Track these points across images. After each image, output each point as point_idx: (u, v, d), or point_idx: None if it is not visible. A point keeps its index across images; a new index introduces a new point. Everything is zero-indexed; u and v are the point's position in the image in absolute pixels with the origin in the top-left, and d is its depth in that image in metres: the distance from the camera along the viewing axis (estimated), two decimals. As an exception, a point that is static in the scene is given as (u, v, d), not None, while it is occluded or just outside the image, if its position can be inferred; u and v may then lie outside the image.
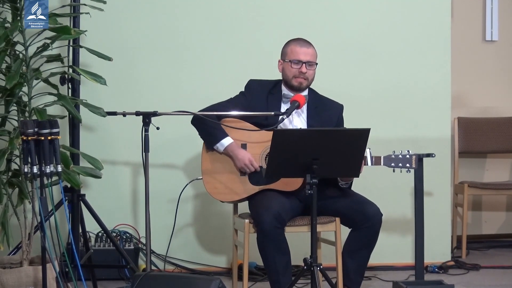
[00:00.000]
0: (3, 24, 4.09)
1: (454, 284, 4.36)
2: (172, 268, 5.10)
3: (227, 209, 4.85)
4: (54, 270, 3.80)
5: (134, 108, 4.34)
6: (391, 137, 5.23)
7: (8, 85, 3.92)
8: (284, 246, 4.11)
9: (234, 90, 4.47)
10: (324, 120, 4.37)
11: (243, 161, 4.23)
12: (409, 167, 4.25)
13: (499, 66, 6.31)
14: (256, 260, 4.80)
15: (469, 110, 6.12)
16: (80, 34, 4.35)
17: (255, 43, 5.22)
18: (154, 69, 5.16)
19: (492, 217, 6.26)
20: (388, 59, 5.34)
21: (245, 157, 4.24)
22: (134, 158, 4.96)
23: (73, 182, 4.21)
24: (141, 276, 3.78)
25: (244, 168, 4.24)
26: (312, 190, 3.78)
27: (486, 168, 6.23)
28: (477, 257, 5.65)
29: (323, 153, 3.78)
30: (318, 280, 3.81)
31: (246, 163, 4.22)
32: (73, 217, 4.52)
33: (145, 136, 4.19)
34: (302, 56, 4.32)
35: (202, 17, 5.19)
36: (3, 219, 4.03)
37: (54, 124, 3.72)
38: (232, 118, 4.31)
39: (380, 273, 5.10)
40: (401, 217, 5.30)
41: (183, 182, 4.86)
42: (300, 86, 4.35)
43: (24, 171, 3.69)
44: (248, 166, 4.23)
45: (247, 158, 4.23)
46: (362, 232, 4.20)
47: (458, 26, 5.90)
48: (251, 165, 4.23)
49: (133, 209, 5.13)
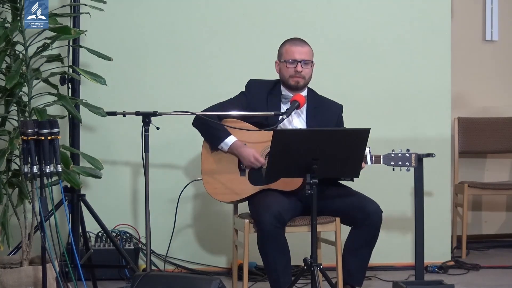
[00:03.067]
0: (3, 24, 4.09)
1: (454, 284, 4.36)
2: (172, 268, 5.10)
3: (227, 209, 4.84)
4: (54, 270, 3.79)
5: (134, 108, 4.34)
6: (391, 137, 5.23)
7: (8, 85, 3.92)
8: (284, 246, 4.11)
9: (234, 90, 4.47)
10: (324, 120, 4.37)
11: (248, 160, 4.23)
12: (409, 166, 4.25)
13: (499, 66, 6.30)
14: (256, 260, 4.79)
15: (469, 110, 6.11)
16: (80, 34, 4.35)
17: (255, 43, 5.21)
18: (154, 69, 5.16)
19: (492, 217, 6.25)
20: (388, 59, 5.34)
21: (249, 154, 4.23)
22: (134, 158, 4.96)
23: (73, 182, 4.21)
24: (141, 276, 3.77)
25: (251, 166, 4.24)
26: (312, 190, 3.78)
27: (486, 168, 6.23)
28: (477, 257, 5.64)
29: (323, 153, 3.78)
30: (318, 280, 3.81)
31: (251, 161, 4.22)
32: (73, 217, 4.52)
33: (145, 136, 4.19)
34: (297, 55, 4.31)
35: (202, 17, 5.19)
36: (3, 219, 4.03)
37: (54, 124, 3.71)
38: (232, 118, 4.31)
39: (380, 273, 5.10)
40: (401, 217, 5.30)
41: (183, 182, 4.86)
42: (297, 85, 4.34)
43: (24, 171, 3.69)
44: (254, 163, 4.23)
45: (251, 155, 4.23)
46: (363, 229, 4.20)
47: (458, 26, 5.89)
48: (256, 161, 4.23)
49: (133, 209, 5.13)
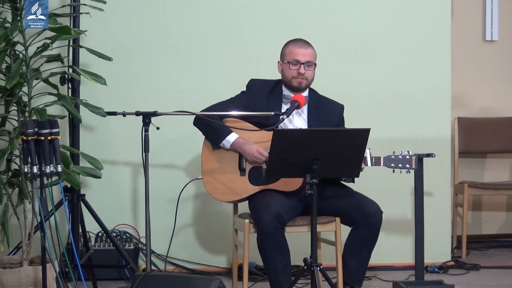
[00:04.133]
0: (3, 24, 4.10)
1: (454, 284, 4.36)
2: (172, 268, 5.10)
3: (227, 209, 4.84)
4: (54, 270, 3.79)
5: (134, 108, 4.33)
6: (391, 137, 5.23)
7: (8, 85, 3.92)
8: (284, 246, 4.10)
9: (234, 90, 4.47)
10: (325, 120, 4.36)
11: (252, 154, 4.22)
12: (409, 168, 4.24)
13: (499, 66, 6.30)
14: (256, 260, 4.79)
15: (469, 110, 6.11)
16: (80, 34, 4.35)
17: (255, 43, 5.21)
18: (154, 69, 5.16)
19: (492, 217, 6.25)
20: (388, 59, 5.34)
21: (252, 149, 4.22)
22: (134, 158, 4.96)
23: (73, 182, 4.21)
24: (141, 276, 3.78)
25: (255, 161, 4.23)
26: (312, 190, 3.78)
27: (486, 168, 6.23)
28: (477, 257, 5.64)
29: (323, 153, 3.78)
30: (318, 280, 3.81)
31: (255, 155, 4.21)
32: (73, 217, 4.52)
33: (145, 136, 4.19)
34: (300, 57, 4.31)
35: (202, 17, 5.19)
36: (3, 219, 4.03)
37: (54, 124, 3.72)
38: (233, 118, 4.31)
39: (380, 273, 5.10)
40: (401, 217, 5.30)
41: (183, 182, 4.85)
42: (300, 87, 4.34)
43: (24, 171, 3.69)
44: (258, 157, 4.21)
45: (255, 150, 4.21)
46: (362, 230, 4.19)
47: (458, 26, 5.90)
48: (260, 155, 4.21)
49: (133, 209, 5.13)
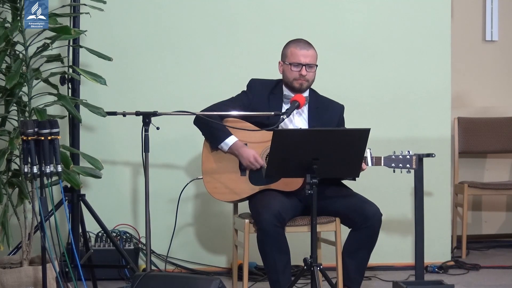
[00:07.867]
0: (3, 24, 4.10)
1: (454, 284, 4.36)
2: (172, 268, 5.10)
3: (227, 209, 4.84)
4: (54, 270, 3.79)
5: (134, 108, 4.34)
6: (391, 137, 5.23)
7: (8, 85, 3.92)
8: (284, 246, 4.10)
9: (234, 90, 4.47)
10: (325, 120, 4.37)
11: (248, 159, 4.22)
12: (409, 168, 4.24)
13: (499, 66, 6.30)
14: (256, 260, 4.79)
15: (469, 110, 6.11)
16: (80, 34, 4.35)
17: (255, 43, 5.21)
18: (154, 69, 5.15)
19: (492, 217, 6.25)
20: (388, 59, 5.34)
21: (249, 155, 4.22)
22: (134, 158, 4.96)
23: (73, 182, 4.21)
24: (141, 276, 3.77)
25: (250, 166, 4.24)
26: (312, 190, 3.78)
27: (486, 168, 6.23)
28: (477, 257, 5.64)
29: (323, 153, 3.78)
30: (318, 280, 3.81)
31: (251, 161, 4.22)
32: (73, 217, 4.52)
33: (145, 136, 4.19)
34: (302, 58, 4.30)
35: (202, 17, 5.18)
36: (3, 219, 4.03)
37: (54, 124, 3.72)
38: (233, 118, 4.31)
39: (380, 273, 5.10)
40: (401, 217, 5.30)
41: (183, 182, 4.85)
42: (301, 88, 4.34)
43: (24, 171, 3.69)
44: (253, 163, 4.22)
45: (252, 155, 4.22)
46: (361, 232, 4.19)
47: (458, 26, 5.90)
48: (256, 162, 4.22)
49: (133, 209, 5.13)
